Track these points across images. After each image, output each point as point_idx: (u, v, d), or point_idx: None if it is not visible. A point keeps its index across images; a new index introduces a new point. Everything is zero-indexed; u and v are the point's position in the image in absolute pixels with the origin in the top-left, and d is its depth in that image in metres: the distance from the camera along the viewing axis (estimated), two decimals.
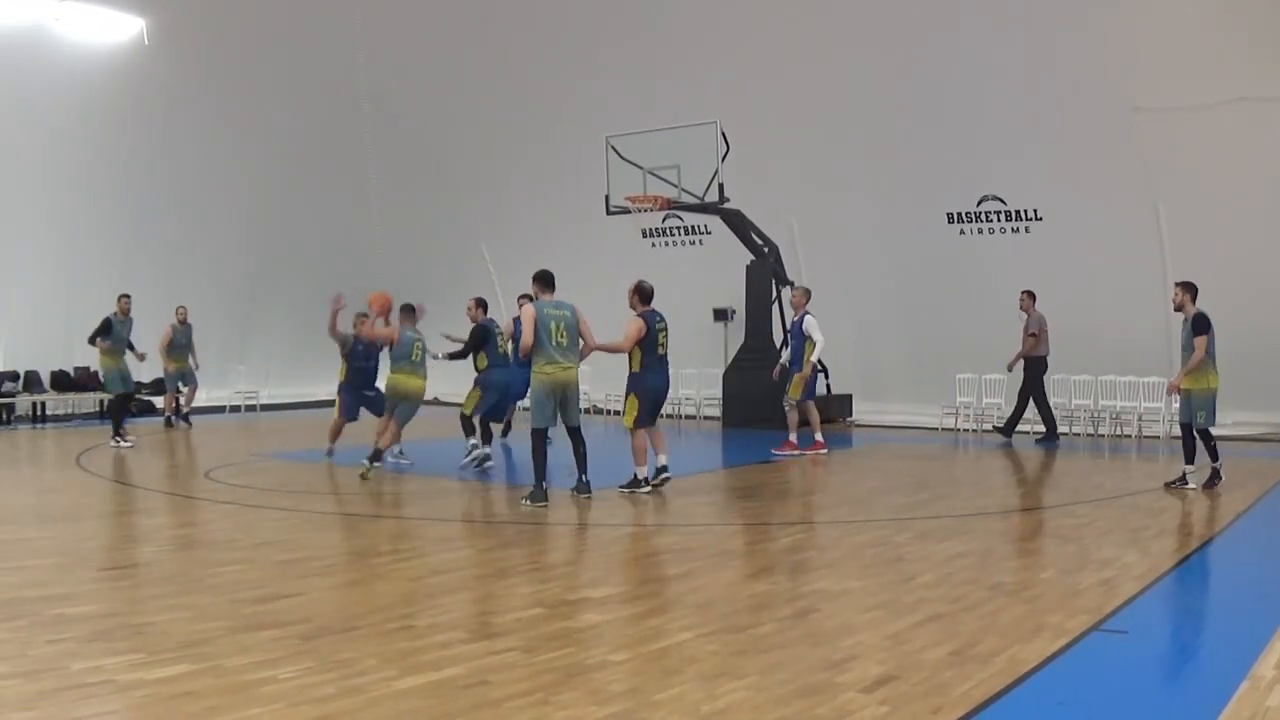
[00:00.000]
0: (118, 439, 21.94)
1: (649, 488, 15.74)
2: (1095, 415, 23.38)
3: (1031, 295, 22.87)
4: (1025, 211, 24.44)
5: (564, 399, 14.83)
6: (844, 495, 16.19)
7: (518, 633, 8.32)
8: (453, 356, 18.73)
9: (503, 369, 18.61)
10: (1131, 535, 12.24)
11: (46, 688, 6.98)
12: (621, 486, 15.74)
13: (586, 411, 23.91)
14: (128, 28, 28.45)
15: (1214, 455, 15.76)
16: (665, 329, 15.93)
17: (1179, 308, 15.89)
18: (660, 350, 15.87)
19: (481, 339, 18.45)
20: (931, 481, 17.98)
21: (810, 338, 20.43)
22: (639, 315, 15.81)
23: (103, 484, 17.14)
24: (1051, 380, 23.27)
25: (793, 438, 20.70)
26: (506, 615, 8.91)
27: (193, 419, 26.30)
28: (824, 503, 15.75)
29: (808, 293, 21.15)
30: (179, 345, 25.69)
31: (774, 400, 22.88)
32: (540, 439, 15.00)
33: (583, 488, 15.11)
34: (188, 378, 26.21)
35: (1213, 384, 15.57)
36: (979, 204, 24.90)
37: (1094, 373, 23.13)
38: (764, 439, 21.70)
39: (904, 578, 10.23)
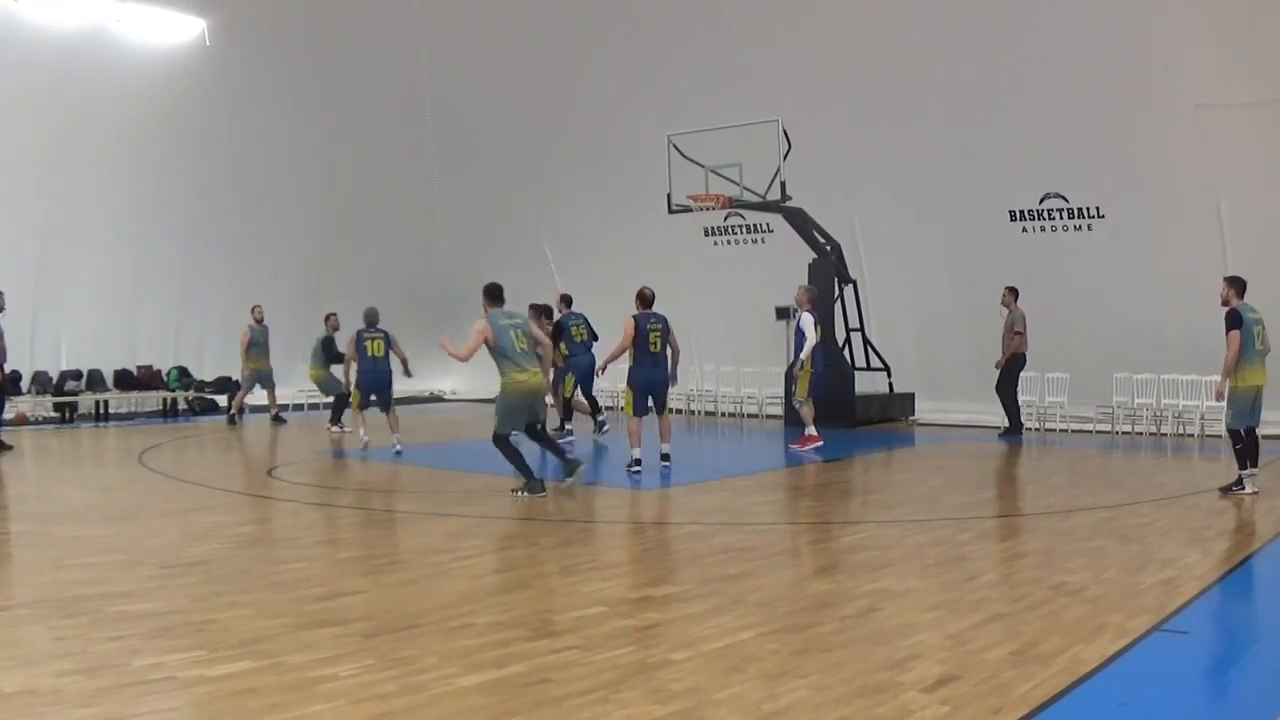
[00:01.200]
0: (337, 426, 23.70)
1: (639, 468, 17.28)
2: (1158, 414, 23.24)
3: (1014, 292, 22.96)
4: (1088, 209, 24.30)
5: (534, 405, 15.53)
6: (906, 494, 16.15)
7: (579, 631, 8.34)
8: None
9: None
10: (1193, 535, 12.19)
11: (107, 684, 7.06)
12: (628, 466, 17.38)
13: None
14: (189, 29, 28.68)
15: (1241, 461, 15.16)
16: (658, 329, 17.60)
17: (1225, 302, 15.50)
18: (652, 348, 17.54)
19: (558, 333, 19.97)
20: (994, 480, 17.99)
21: (806, 336, 20.69)
22: (633, 316, 17.64)
23: (165, 482, 17.25)
24: (1113, 378, 23.19)
25: (810, 430, 20.89)
26: (568, 613, 8.92)
27: (259, 417, 26.45)
28: (886, 501, 15.73)
29: (811, 292, 21.40)
30: (257, 345, 25.94)
31: (836, 399, 22.92)
32: (505, 443, 15.41)
33: (571, 466, 15.87)
34: (265, 378, 26.44)
35: (1244, 382, 15.06)
36: (1041, 201, 24.77)
37: (1156, 371, 22.99)
38: (827, 438, 21.67)
39: (966, 577, 10.23)
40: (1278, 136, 21.71)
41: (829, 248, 25.42)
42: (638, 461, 17.40)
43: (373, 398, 20.90)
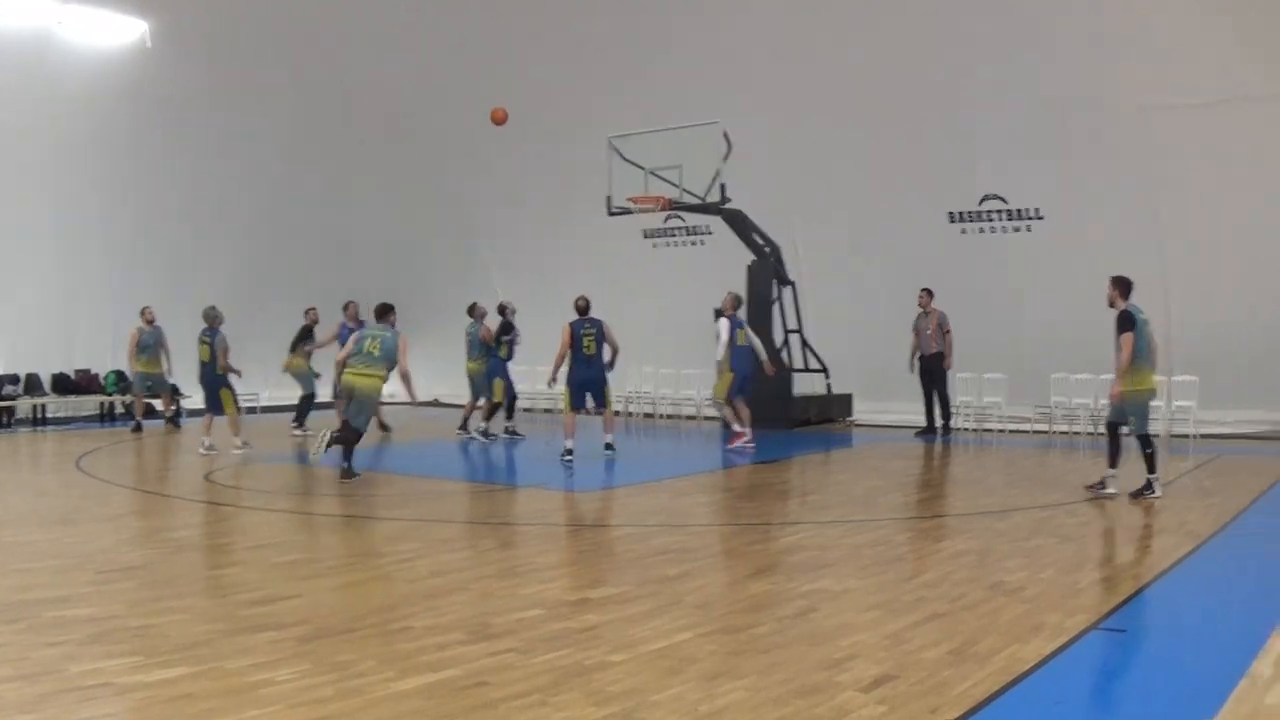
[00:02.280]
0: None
1: (571, 457, 18.86)
2: (1096, 414, 23.33)
3: (930, 293, 23.17)
4: (1027, 210, 24.43)
5: (350, 398, 17.32)
6: (844, 495, 16.14)
7: (516, 634, 8.31)
8: None
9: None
10: (1130, 534, 12.29)
11: (46, 690, 7.00)
12: (561, 455, 18.96)
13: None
14: (131, 31, 28.44)
15: (1151, 466, 14.84)
16: (592, 334, 19.54)
17: (1111, 304, 15.14)
18: (586, 351, 19.48)
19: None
20: (931, 481, 18.06)
21: (719, 339, 20.96)
22: (569, 324, 19.57)
23: (102, 486, 17.10)
24: (1051, 379, 23.35)
25: (737, 427, 21.14)
26: (505, 616, 8.86)
27: (169, 423, 26.21)
28: (823, 502, 15.75)
29: (737, 299, 21.50)
30: (147, 347, 25.34)
31: (775, 400, 22.97)
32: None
33: (347, 472, 17.02)
34: (158, 381, 25.92)
35: (1143, 385, 14.83)
36: (981, 203, 24.90)
37: (1094, 371, 23.08)
38: (765, 439, 21.71)
39: (903, 577, 10.28)
40: (1218, 139, 21.88)
41: (768, 250, 25.41)
42: (569, 452, 18.96)
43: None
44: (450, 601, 9.42)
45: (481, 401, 23.05)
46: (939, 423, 23.67)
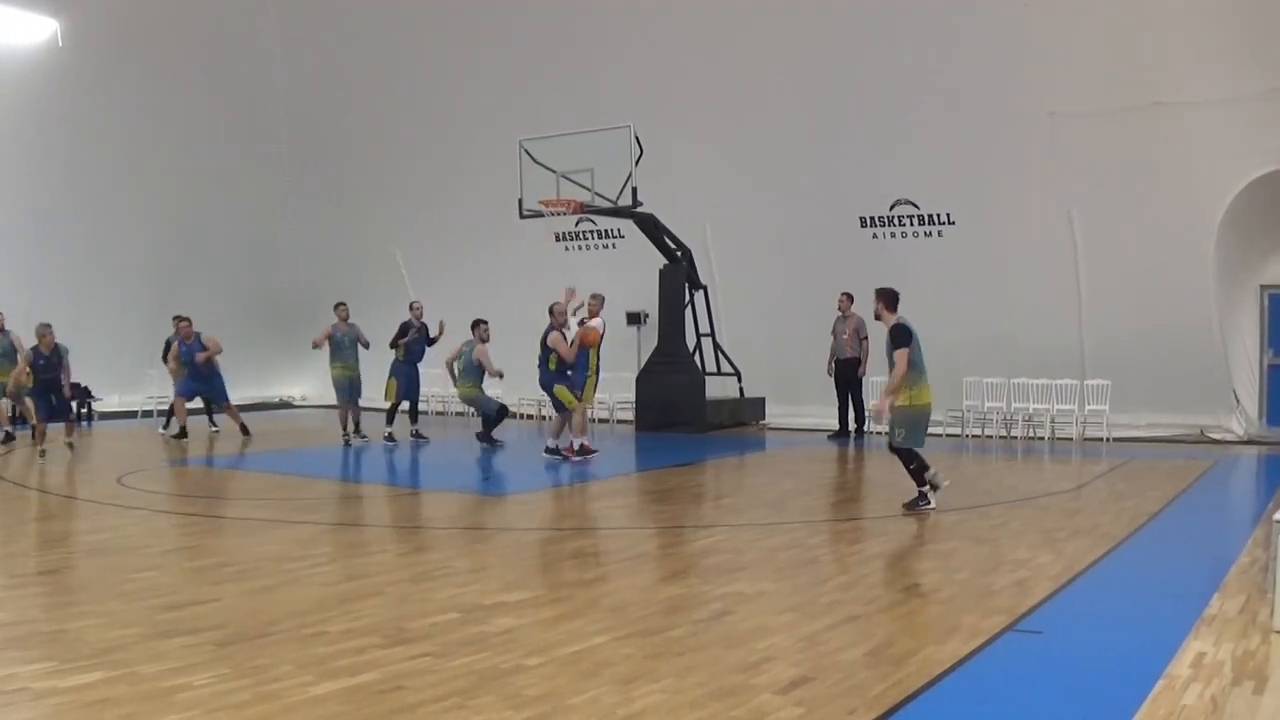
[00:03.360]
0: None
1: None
2: (1008, 417, 23.51)
3: (850, 297, 23.29)
4: (938, 216, 24.53)
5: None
6: (757, 498, 16.16)
7: (433, 638, 8.28)
8: None
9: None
10: (1045, 536, 12.30)
11: None
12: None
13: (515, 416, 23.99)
14: (41, 29, 28.09)
15: (920, 479, 14.23)
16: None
17: (877, 317, 14.82)
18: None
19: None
20: (844, 484, 18.13)
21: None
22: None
23: (12, 490, 16.97)
24: (963, 382, 23.47)
25: (581, 441, 20.51)
26: (421, 620, 8.82)
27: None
28: (738, 505, 15.74)
29: (595, 300, 20.81)
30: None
31: (688, 404, 22.95)
32: None
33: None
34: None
35: (921, 400, 14.16)
36: (891, 208, 24.98)
37: (1007, 375, 23.26)
38: (678, 442, 21.73)
39: (818, 579, 10.28)
40: (1130, 145, 22.04)
41: (680, 253, 25.41)
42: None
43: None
44: (366, 605, 9.35)
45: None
46: (852, 426, 23.74)
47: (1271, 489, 16.11)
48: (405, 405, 23.24)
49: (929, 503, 14.14)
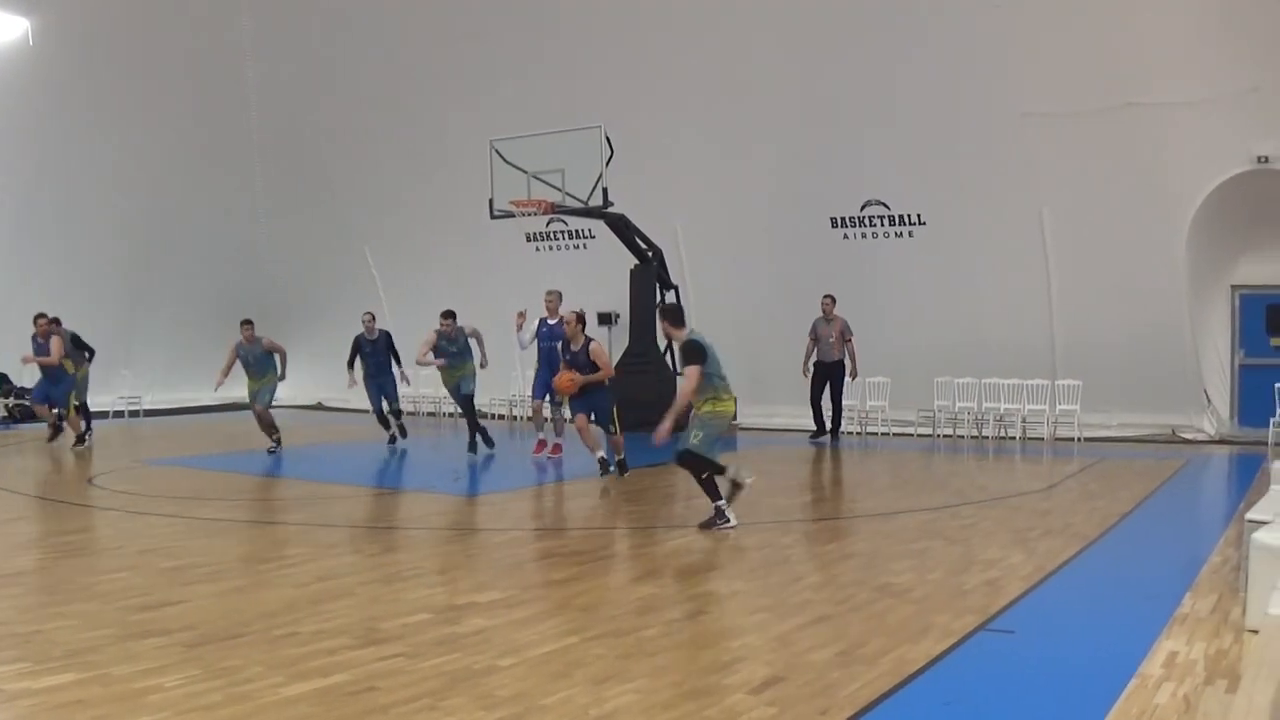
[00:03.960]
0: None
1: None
2: (979, 417, 23.55)
3: (833, 299, 23.36)
4: (909, 216, 24.55)
5: None
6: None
7: (404, 638, 8.29)
8: None
9: None
10: (1017, 536, 12.32)
11: None
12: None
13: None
14: (12, 28, 27.99)
15: (712, 491, 13.29)
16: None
17: (668, 336, 14.49)
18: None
19: None
20: (816, 484, 18.16)
21: None
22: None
23: None
24: (934, 382, 23.53)
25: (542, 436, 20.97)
26: (393, 621, 8.83)
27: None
28: (709, 505, 15.65)
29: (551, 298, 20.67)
30: None
31: (659, 404, 22.91)
32: None
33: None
34: None
35: (722, 406, 13.45)
36: (862, 208, 24.99)
37: (978, 375, 23.31)
38: (648, 443, 21.67)
39: (790, 579, 10.29)
40: (1100, 145, 22.10)
41: (651, 254, 25.39)
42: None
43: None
44: (337, 606, 9.36)
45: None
46: (828, 427, 23.74)
47: (1243, 488, 16.11)
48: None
49: (727, 520, 13.06)
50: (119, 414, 29.72)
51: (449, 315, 20.92)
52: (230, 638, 8.31)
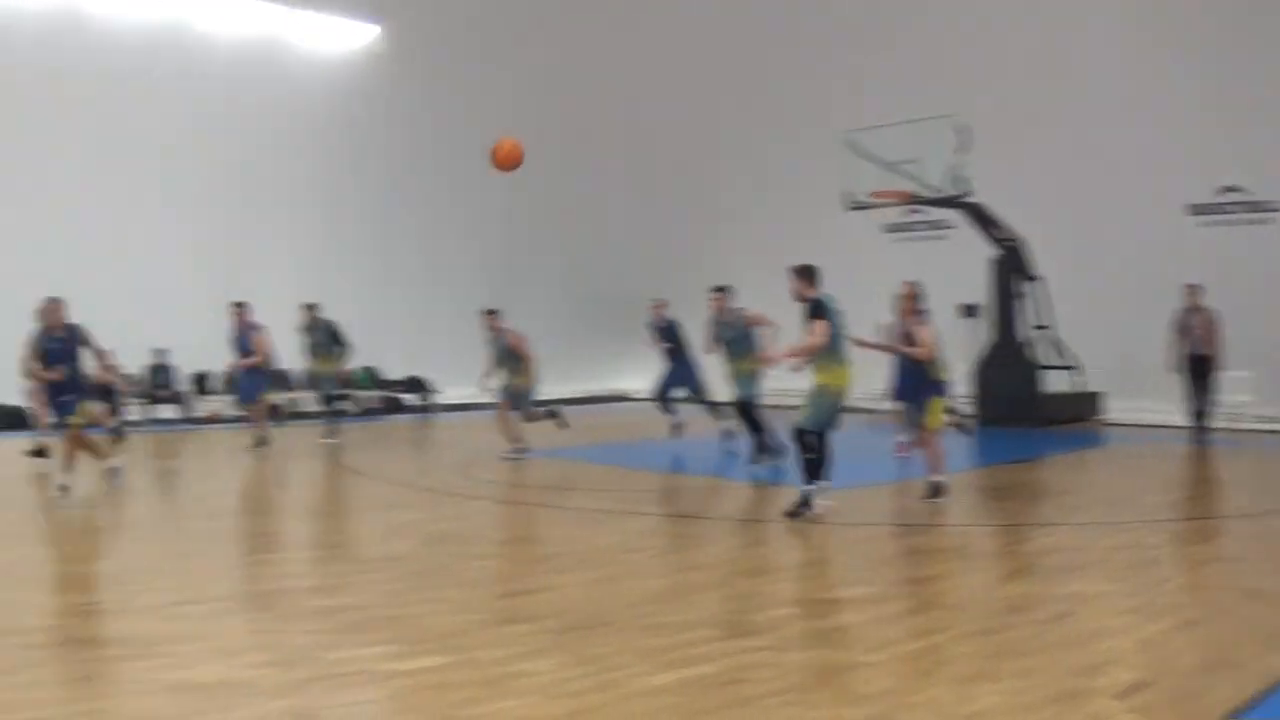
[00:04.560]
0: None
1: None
2: None
3: (1198, 289, 22.33)
4: (1270, 202, 23.88)
5: None
6: (1097, 496, 15.87)
7: (771, 631, 8.45)
8: None
9: None
10: None
11: (301, 677, 7.33)
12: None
13: None
14: (362, 36, 29.17)
15: (812, 472, 13.16)
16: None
17: (803, 298, 13.30)
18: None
19: None
20: (1185, 481, 17.75)
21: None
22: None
23: (358, 480, 17.81)
24: None
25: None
26: (760, 613, 9.02)
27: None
28: (1077, 503, 15.36)
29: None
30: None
31: (1022, 398, 22.70)
32: None
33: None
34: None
35: (837, 381, 13.13)
36: (1219, 194, 24.44)
37: None
38: (1017, 438, 21.48)
39: (1158, 581, 10.16)
40: None
41: (1012, 243, 25.07)
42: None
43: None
44: (704, 597, 9.62)
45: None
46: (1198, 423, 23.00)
47: None
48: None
49: (810, 508, 12.99)
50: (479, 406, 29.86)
51: (719, 291, 18.60)
52: (597, 625, 8.57)
